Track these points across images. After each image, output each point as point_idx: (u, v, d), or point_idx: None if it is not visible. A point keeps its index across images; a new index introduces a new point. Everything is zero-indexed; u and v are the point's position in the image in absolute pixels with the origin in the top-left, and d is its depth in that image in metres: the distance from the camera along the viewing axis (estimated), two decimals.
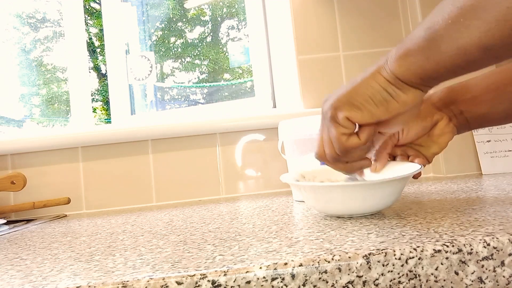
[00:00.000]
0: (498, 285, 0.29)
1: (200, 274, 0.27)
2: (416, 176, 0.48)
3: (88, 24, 4.31)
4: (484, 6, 0.28)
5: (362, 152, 0.40)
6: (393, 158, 0.51)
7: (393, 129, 0.40)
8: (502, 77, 0.45)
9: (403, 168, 0.46)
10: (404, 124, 0.40)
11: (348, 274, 0.28)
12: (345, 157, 0.41)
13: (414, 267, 0.28)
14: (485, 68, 0.33)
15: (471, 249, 0.28)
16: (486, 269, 0.29)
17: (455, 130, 0.48)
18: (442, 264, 0.28)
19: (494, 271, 0.29)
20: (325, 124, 0.40)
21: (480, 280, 0.29)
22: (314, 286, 0.27)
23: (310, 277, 0.27)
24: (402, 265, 0.28)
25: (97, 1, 4.39)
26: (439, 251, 0.28)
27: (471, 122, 0.47)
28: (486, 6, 0.27)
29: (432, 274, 0.28)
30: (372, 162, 0.49)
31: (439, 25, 0.31)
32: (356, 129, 0.39)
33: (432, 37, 0.31)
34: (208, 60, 1.78)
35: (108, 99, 1.17)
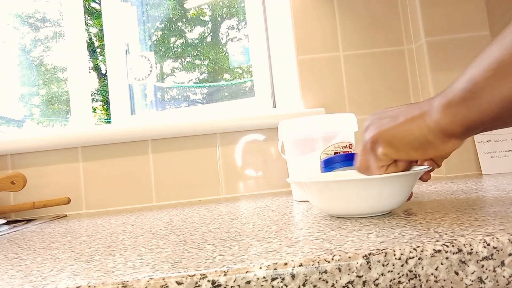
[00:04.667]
0: (498, 285, 0.29)
1: (200, 274, 0.27)
2: (425, 178, 0.48)
3: (88, 24, 4.31)
4: None
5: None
6: None
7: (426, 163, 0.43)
8: None
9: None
10: (440, 161, 0.43)
11: (348, 274, 0.28)
12: None
13: (414, 267, 0.28)
14: None
15: (471, 249, 0.29)
16: (486, 269, 0.29)
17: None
18: (442, 264, 0.28)
19: (494, 271, 0.29)
20: (366, 150, 0.43)
21: (480, 280, 0.29)
22: (314, 286, 0.27)
23: (310, 277, 0.27)
24: (402, 265, 0.28)
25: (97, 1, 4.39)
26: (439, 251, 0.28)
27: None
28: None
29: (432, 274, 0.28)
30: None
31: (479, 77, 0.32)
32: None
33: (473, 90, 0.33)
34: (208, 60, 1.78)
35: (108, 99, 1.17)
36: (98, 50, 4.51)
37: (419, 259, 0.28)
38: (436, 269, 0.28)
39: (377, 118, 0.42)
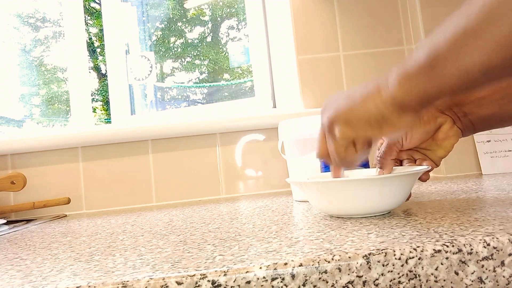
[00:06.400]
0: (498, 285, 0.29)
1: (200, 274, 0.27)
2: (424, 178, 0.48)
3: (88, 24, 4.31)
4: (486, 29, 0.27)
5: (360, 157, 0.42)
6: (400, 163, 0.51)
7: (390, 138, 0.41)
8: None
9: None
10: (397, 138, 0.41)
11: (348, 274, 0.28)
12: (345, 165, 0.43)
13: (414, 267, 0.28)
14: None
15: (471, 249, 0.28)
16: (486, 269, 0.29)
17: (459, 133, 0.47)
18: (442, 264, 0.28)
19: (494, 271, 0.29)
20: (323, 133, 0.42)
21: (480, 280, 0.29)
22: (314, 286, 0.27)
23: (310, 277, 0.27)
24: (402, 265, 0.28)
25: (97, 1, 4.39)
26: (439, 251, 0.28)
27: (476, 124, 0.46)
28: (489, 29, 0.27)
29: (432, 274, 0.28)
30: (378, 170, 0.49)
31: (441, 47, 0.30)
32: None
33: (434, 60, 0.31)
34: (208, 60, 1.78)
35: (108, 99, 1.17)
36: (98, 50, 4.51)
37: (419, 259, 0.28)
38: (436, 269, 0.28)
39: (334, 99, 0.40)
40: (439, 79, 0.31)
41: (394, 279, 0.28)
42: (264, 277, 0.27)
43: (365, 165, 0.57)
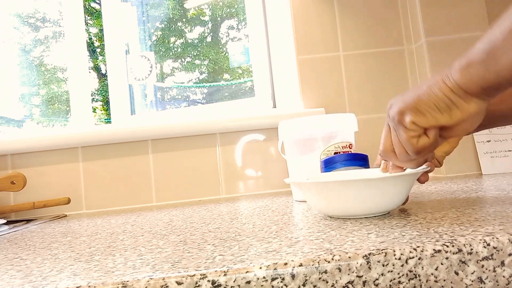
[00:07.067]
0: (498, 285, 0.29)
1: (200, 274, 0.27)
2: (423, 180, 0.48)
3: (88, 24, 4.31)
4: None
5: (431, 150, 0.42)
6: None
7: (456, 135, 0.42)
8: None
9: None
10: (467, 131, 0.42)
11: (348, 274, 0.28)
12: (416, 156, 0.42)
13: (414, 267, 0.28)
14: None
15: (471, 249, 0.28)
16: (486, 269, 0.29)
17: None
18: (442, 264, 0.28)
19: (494, 271, 0.29)
20: (393, 128, 0.43)
21: (480, 280, 0.29)
22: (314, 286, 0.27)
23: (310, 277, 0.27)
24: (402, 265, 0.28)
25: (97, 1, 4.39)
26: (439, 251, 0.28)
27: (485, 121, 0.47)
28: None
29: (432, 274, 0.28)
30: (383, 162, 0.49)
31: (498, 39, 0.33)
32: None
33: (491, 50, 0.34)
34: (208, 60, 1.78)
35: (108, 99, 1.17)
36: (98, 50, 4.51)
37: (419, 259, 0.28)
38: (436, 269, 0.28)
39: (400, 95, 0.42)
40: (495, 68, 0.34)
41: (394, 279, 0.28)
42: (264, 277, 0.27)
43: (365, 165, 0.57)
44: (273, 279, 0.27)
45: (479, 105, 0.38)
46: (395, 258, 0.28)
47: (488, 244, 0.29)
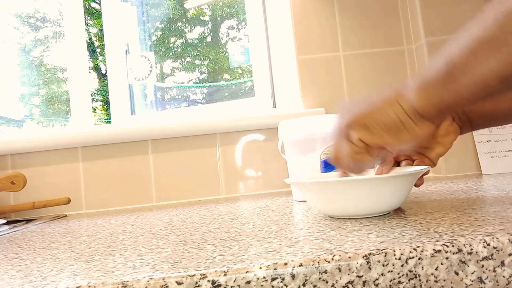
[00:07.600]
0: (498, 285, 0.29)
1: (200, 274, 0.27)
2: (418, 184, 0.48)
3: (88, 24, 4.31)
4: (503, 39, 0.28)
5: (371, 165, 0.42)
6: (397, 164, 0.51)
7: (402, 151, 0.42)
8: None
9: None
10: (412, 148, 0.41)
11: (348, 274, 0.28)
12: (357, 169, 0.42)
13: (414, 267, 0.28)
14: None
15: (471, 249, 0.28)
16: (486, 269, 0.29)
17: (458, 130, 0.47)
18: (442, 264, 0.28)
19: (494, 271, 0.29)
20: (339, 137, 0.42)
21: (480, 280, 0.29)
22: (314, 286, 0.27)
23: (310, 277, 0.27)
24: (402, 265, 0.28)
25: (97, 1, 4.39)
26: (439, 251, 0.28)
27: (473, 121, 0.47)
28: (506, 39, 0.28)
29: (432, 274, 0.28)
30: (377, 166, 0.49)
31: (457, 57, 0.31)
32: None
33: (451, 70, 0.32)
34: (208, 60, 1.78)
35: (108, 99, 1.17)
36: (98, 50, 4.51)
37: (419, 259, 0.28)
38: (436, 269, 0.28)
39: (351, 104, 0.41)
40: (456, 88, 0.32)
41: (394, 279, 0.28)
42: (264, 277, 0.27)
43: None
44: (273, 279, 0.27)
45: (429, 128, 0.37)
46: (395, 258, 0.28)
47: (488, 244, 0.29)
